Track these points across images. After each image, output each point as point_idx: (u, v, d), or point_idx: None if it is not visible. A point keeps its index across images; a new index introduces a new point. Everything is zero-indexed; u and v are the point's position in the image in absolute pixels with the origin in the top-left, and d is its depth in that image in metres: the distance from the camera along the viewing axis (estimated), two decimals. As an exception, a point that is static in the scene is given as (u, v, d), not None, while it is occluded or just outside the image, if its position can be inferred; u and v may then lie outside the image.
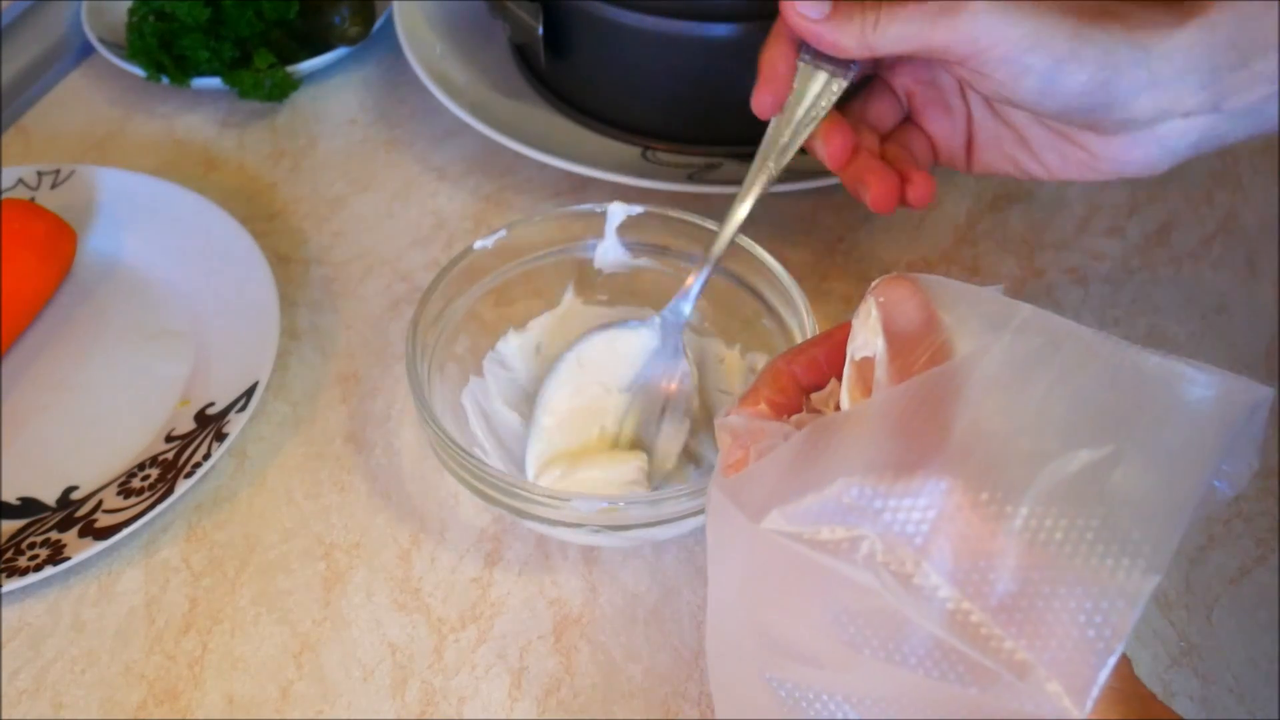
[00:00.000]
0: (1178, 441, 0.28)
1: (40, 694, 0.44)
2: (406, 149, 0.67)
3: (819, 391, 0.36)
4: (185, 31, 0.67)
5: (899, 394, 0.30)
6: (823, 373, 0.36)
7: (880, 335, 0.32)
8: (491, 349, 0.52)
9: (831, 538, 0.29)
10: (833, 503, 0.29)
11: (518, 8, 0.62)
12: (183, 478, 0.48)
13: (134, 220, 0.60)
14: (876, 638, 0.28)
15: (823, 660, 0.30)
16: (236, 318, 0.55)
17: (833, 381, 0.35)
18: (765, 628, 0.31)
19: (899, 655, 0.28)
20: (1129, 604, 0.26)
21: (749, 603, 0.32)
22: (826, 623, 0.29)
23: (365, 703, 0.44)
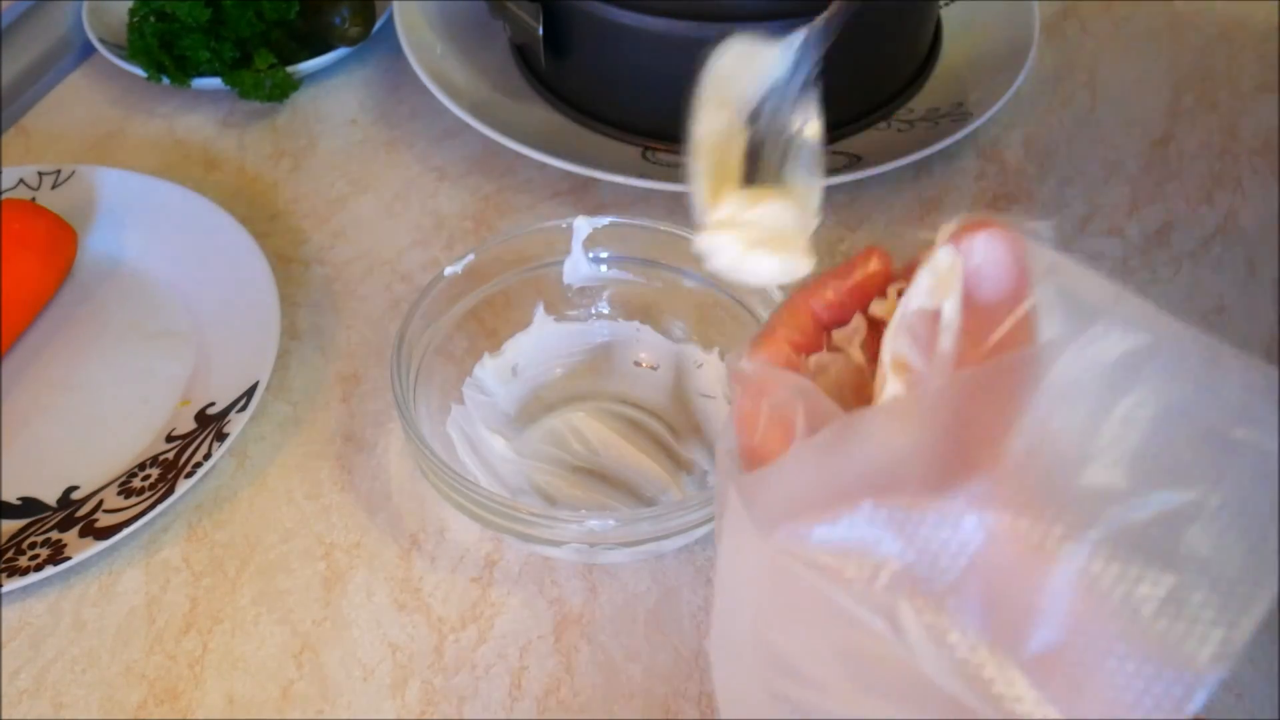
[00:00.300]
0: (1273, 504, 0.23)
1: (41, 694, 0.44)
2: (407, 149, 0.67)
3: (841, 328, 0.31)
4: (186, 32, 0.67)
5: (957, 386, 0.25)
6: (845, 308, 0.31)
7: (957, 292, 0.27)
8: (469, 375, 0.52)
9: (846, 569, 0.25)
10: (854, 526, 0.25)
11: (518, 8, 0.62)
12: (183, 478, 0.48)
13: (135, 220, 0.60)
14: (887, 683, 0.25)
15: (829, 691, 0.27)
16: (237, 318, 0.55)
17: (857, 317, 0.31)
18: (771, 645, 0.28)
19: (912, 704, 0.25)
20: (1186, 692, 0.22)
21: (755, 616, 0.29)
22: (834, 657, 0.26)
23: (365, 702, 0.44)
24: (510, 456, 0.49)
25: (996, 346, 0.26)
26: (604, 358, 0.53)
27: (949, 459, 0.25)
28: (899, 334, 0.27)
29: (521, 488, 0.48)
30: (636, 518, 0.43)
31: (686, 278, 0.51)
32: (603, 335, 0.53)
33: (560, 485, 0.49)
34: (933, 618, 0.24)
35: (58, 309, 0.58)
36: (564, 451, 0.50)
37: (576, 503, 0.48)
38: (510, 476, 0.48)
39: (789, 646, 0.28)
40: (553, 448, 0.50)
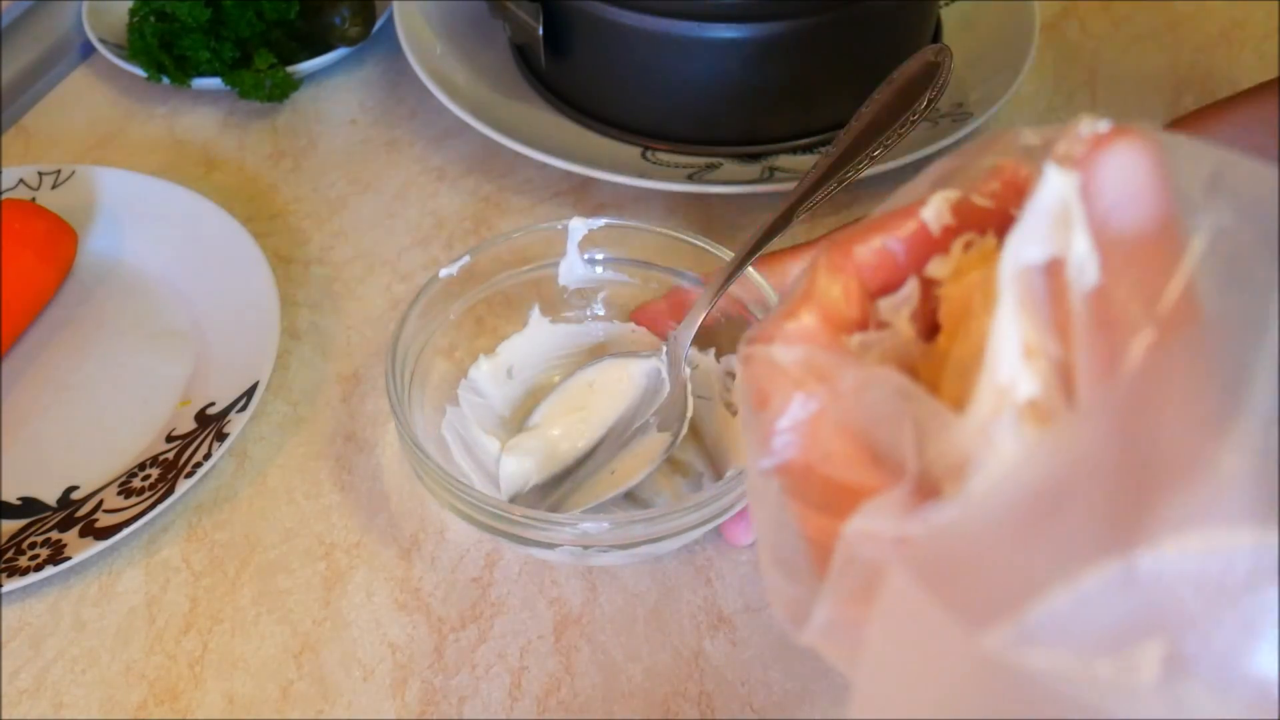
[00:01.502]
0: None
1: (41, 694, 0.44)
2: (407, 149, 0.67)
3: (890, 297, 0.24)
4: (186, 32, 0.67)
5: (1139, 378, 0.18)
6: (897, 269, 0.24)
7: (1083, 232, 0.19)
8: (464, 377, 0.52)
9: (1098, 667, 0.17)
10: (1093, 601, 0.17)
11: (518, 8, 0.62)
12: (183, 477, 0.48)
13: (135, 220, 0.60)
14: None
15: None
16: (237, 318, 0.55)
17: (911, 281, 0.24)
18: None
19: None
20: None
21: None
22: None
23: (365, 702, 0.44)
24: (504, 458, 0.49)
25: (1164, 317, 0.18)
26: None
27: (1132, 476, 0.18)
28: (1022, 308, 0.20)
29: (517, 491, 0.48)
30: (630, 520, 0.43)
31: (682, 279, 0.51)
32: (598, 336, 0.53)
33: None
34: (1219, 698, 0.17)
35: (58, 309, 0.58)
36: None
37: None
38: (504, 479, 0.48)
39: None
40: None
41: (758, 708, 0.43)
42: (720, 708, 0.43)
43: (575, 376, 0.49)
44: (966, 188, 0.23)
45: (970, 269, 0.23)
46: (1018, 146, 0.22)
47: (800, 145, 0.63)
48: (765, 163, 0.62)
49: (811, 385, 0.21)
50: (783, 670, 0.44)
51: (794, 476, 0.22)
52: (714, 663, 0.44)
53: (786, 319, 0.23)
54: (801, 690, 0.44)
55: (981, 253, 0.23)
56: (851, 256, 0.23)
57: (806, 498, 0.22)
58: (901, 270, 0.23)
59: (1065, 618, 0.17)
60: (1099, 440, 0.18)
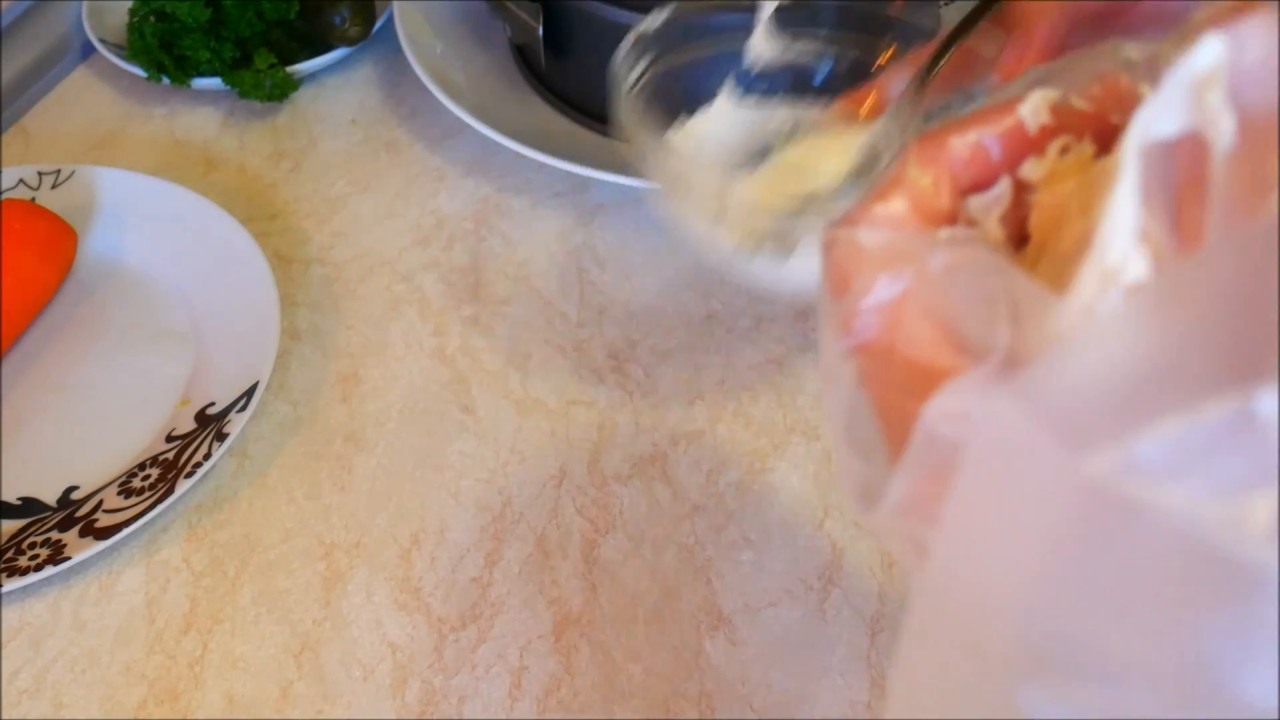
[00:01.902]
0: None
1: (41, 693, 0.44)
2: (407, 149, 0.67)
3: (981, 195, 0.23)
4: (186, 32, 0.67)
5: (1248, 246, 0.17)
6: (990, 166, 0.23)
7: (1225, 110, 0.19)
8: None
9: (1207, 506, 0.16)
10: (1218, 429, 0.16)
11: (518, 8, 0.62)
12: (183, 478, 0.48)
13: (135, 220, 0.60)
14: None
15: (1151, 682, 0.18)
16: (237, 318, 0.55)
17: (1004, 180, 0.23)
18: (1050, 621, 0.19)
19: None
20: None
21: (1027, 582, 0.19)
22: (1179, 633, 0.17)
23: (365, 702, 0.44)
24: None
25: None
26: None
27: (1258, 324, 0.17)
28: (1139, 190, 0.19)
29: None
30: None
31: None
32: (786, 120, 0.50)
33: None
34: None
35: (58, 309, 0.58)
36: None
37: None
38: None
39: (1090, 617, 0.18)
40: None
41: (758, 708, 0.43)
42: (720, 708, 0.43)
43: (778, 154, 0.46)
44: (1066, 89, 0.22)
45: (1065, 176, 0.22)
46: (1120, 59, 0.21)
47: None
48: (765, 163, 0.62)
49: (898, 266, 0.20)
50: (783, 670, 0.44)
51: (873, 359, 0.21)
52: (714, 663, 0.44)
53: (874, 204, 0.22)
54: (801, 690, 0.44)
55: (1079, 159, 0.22)
56: (945, 148, 0.23)
57: (885, 381, 0.21)
58: (995, 169, 0.23)
59: (1176, 453, 0.16)
60: (1224, 283, 0.17)
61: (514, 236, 0.61)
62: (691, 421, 0.52)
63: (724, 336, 0.56)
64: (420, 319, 0.57)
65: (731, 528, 0.48)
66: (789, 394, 0.53)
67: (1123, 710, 0.18)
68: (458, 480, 0.51)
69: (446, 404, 0.54)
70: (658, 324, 0.57)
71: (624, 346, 0.56)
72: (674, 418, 0.53)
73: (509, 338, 0.56)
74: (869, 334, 0.21)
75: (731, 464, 0.51)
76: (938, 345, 0.20)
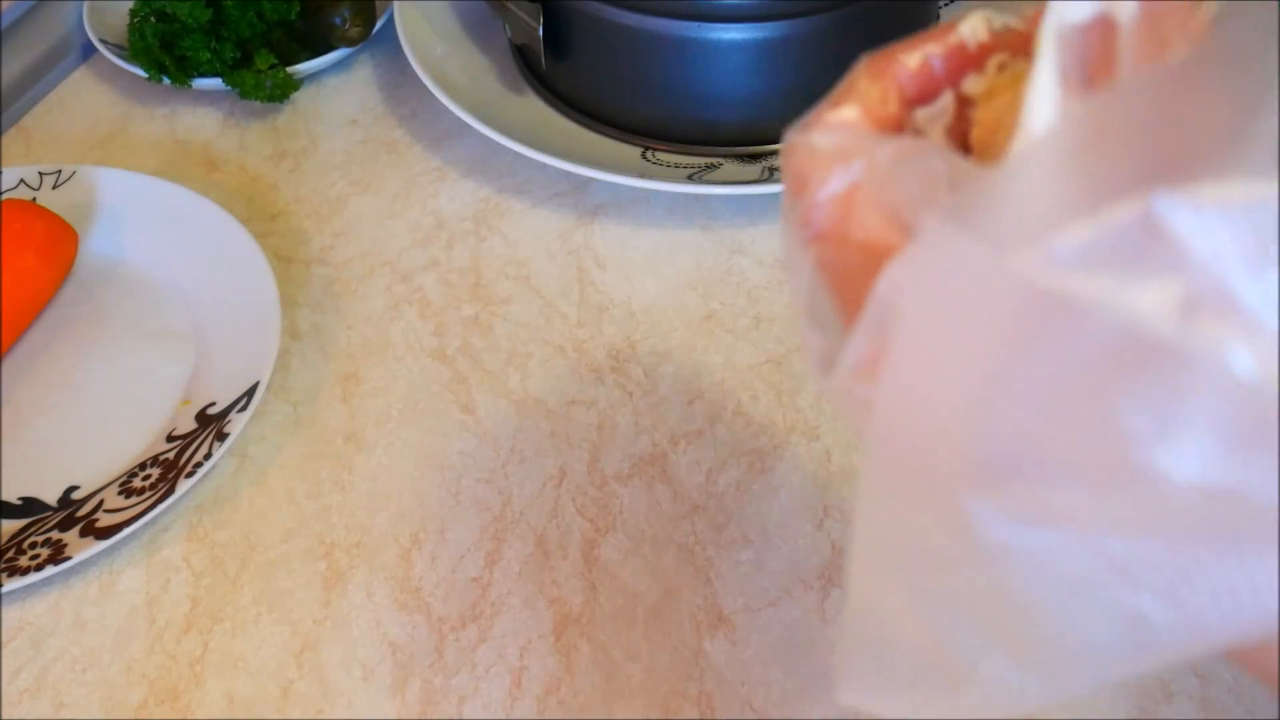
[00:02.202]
0: None
1: (41, 693, 0.45)
2: (407, 149, 0.67)
3: (926, 108, 0.25)
4: (186, 32, 0.67)
5: (1155, 81, 0.19)
6: (934, 81, 0.25)
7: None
8: None
9: (1134, 293, 0.17)
10: (1127, 229, 0.18)
11: (518, 8, 0.62)
12: (184, 477, 0.48)
13: (135, 221, 0.61)
14: (1198, 438, 0.18)
15: (1083, 475, 0.19)
16: (237, 318, 0.55)
17: (946, 95, 0.25)
18: (990, 431, 0.20)
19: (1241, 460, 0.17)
20: None
21: (962, 389, 0.20)
22: (1102, 422, 0.18)
23: (365, 702, 0.44)
24: None
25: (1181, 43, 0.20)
26: None
27: (1167, 146, 0.18)
28: (1058, 70, 0.21)
29: None
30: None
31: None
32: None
33: None
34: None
35: (58, 309, 0.58)
36: None
37: None
38: None
39: (1025, 419, 0.19)
40: None
41: (758, 708, 0.43)
42: (720, 708, 0.43)
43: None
44: (1005, 12, 0.25)
45: (1003, 91, 0.24)
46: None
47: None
48: (765, 163, 0.62)
49: (849, 159, 0.22)
50: (783, 670, 0.44)
51: (830, 246, 0.23)
52: (714, 663, 0.44)
53: (827, 111, 0.24)
54: (801, 690, 0.44)
55: (1014, 75, 0.24)
56: (893, 63, 0.25)
57: (841, 265, 0.23)
58: (939, 83, 0.25)
59: (1093, 251, 0.18)
60: (1135, 109, 0.19)
61: (514, 236, 0.61)
62: (691, 421, 0.52)
63: (724, 336, 0.56)
64: (420, 319, 0.57)
65: (731, 528, 0.48)
66: (789, 394, 0.53)
67: (1062, 512, 0.19)
68: (458, 480, 0.51)
69: (446, 404, 0.54)
70: (658, 324, 0.57)
71: (624, 346, 0.56)
72: (674, 418, 0.53)
73: (509, 338, 0.56)
74: (825, 224, 0.23)
75: (731, 464, 0.51)
76: (887, 228, 0.22)
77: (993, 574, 0.20)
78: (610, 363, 0.55)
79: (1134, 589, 0.19)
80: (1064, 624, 0.20)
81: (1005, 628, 0.21)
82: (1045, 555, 0.19)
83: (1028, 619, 0.20)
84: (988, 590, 0.20)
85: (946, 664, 0.22)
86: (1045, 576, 0.19)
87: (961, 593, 0.21)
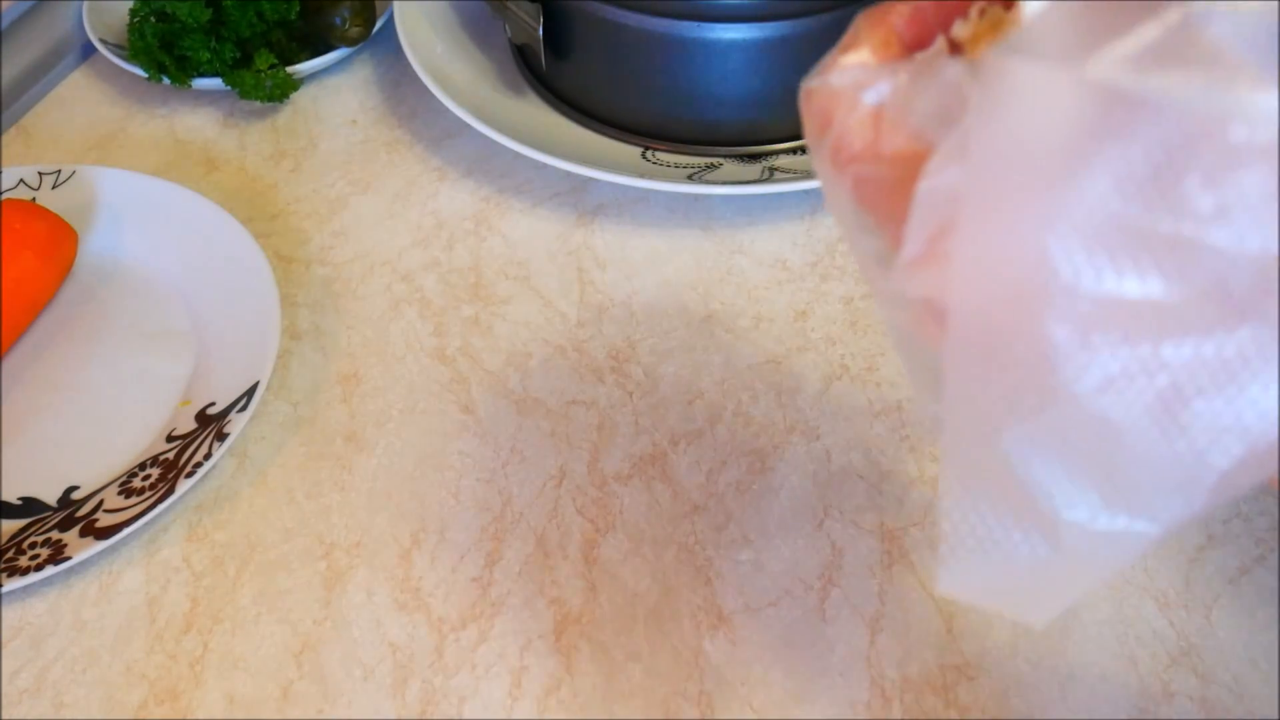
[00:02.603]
0: None
1: (41, 693, 0.45)
2: (407, 149, 0.67)
3: (924, 51, 0.27)
4: (186, 32, 0.67)
5: None
6: (927, 27, 0.27)
7: None
8: None
9: (1183, 80, 0.20)
10: (1169, 36, 0.20)
11: (518, 8, 0.62)
12: (184, 477, 0.48)
13: (135, 220, 0.61)
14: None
15: (1157, 264, 0.21)
16: (237, 318, 0.55)
17: (939, 40, 0.27)
18: (1068, 231, 0.21)
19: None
20: None
21: (1037, 212, 0.22)
22: (1171, 205, 0.21)
23: (365, 702, 0.44)
24: None
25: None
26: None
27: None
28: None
29: None
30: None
31: None
32: None
33: None
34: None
35: (58, 309, 0.58)
36: None
37: None
38: None
39: (1107, 219, 0.21)
40: None
41: (758, 708, 0.43)
42: (720, 708, 0.43)
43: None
44: None
45: (985, 34, 0.25)
46: None
47: (800, 145, 0.63)
48: (765, 163, 0.62)
49: (871, 81, 0.24)
50: (783, 670, 0.44)
51: (865, 165, 0.25)
52: (714, 662, 0.44)
53: (839, 56, 0.26)
54: (801, 690, 0.44)
55: (993, 19, 0.25)
56: (889, 12, 0.27)
57: (878, 183, 0.24)
58: (932, 29, 0.27)
59: (1142, 56, 0.20)
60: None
61: (514, 236, 0.61)
62: (691, 421, 0.52)
63: (724, 336, 0.56)
64: (420, 319, 0.57)
65: (731, 528, 0.48)
66: (789, 394, 0.53)
67: (1138, 321, 0.21)
68: (458, 480, 0.51)
69: (446, 404, 0.54)
70: (658, 324, 0.57)
71: (624, 346, 0.56)
72: (674, 418, 0.53)
73: (509, 338, 0.56)
74: (857, 146, 0.25)
75: (731, 464, 0.51)
76: (916, 138, 0.24)
77: (1075, 407, 0.21)
78: (610, 363, 0.55)
79: (1205, 403, 0.21)
80: (1141, 448, 0.21)
81: (1090, 463, 0.22)
82: (1124, 374, 0.21)
83: (1109, 449, 0.22)
84: (1072, 426, 0.22)
85: (1039, 519, 0.23)
86: (1123, 400, 0.21)
87: (1050, 436, 0.22)
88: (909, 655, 0.44)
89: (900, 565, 0.47)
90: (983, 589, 0.25)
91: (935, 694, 0.43)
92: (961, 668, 0.44)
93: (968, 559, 0.24)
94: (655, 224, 0.61)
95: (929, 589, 0.46)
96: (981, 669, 0.44)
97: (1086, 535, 0.23)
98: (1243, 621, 0.45)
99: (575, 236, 0.61)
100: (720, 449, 0.51)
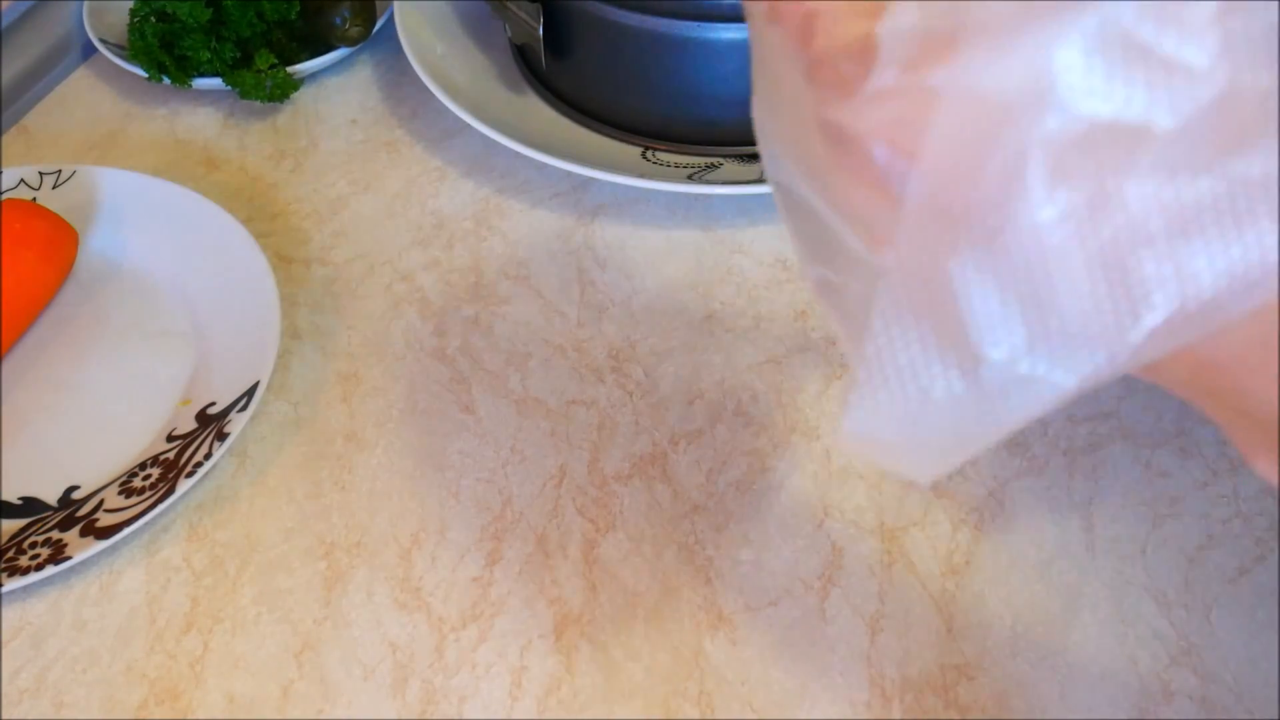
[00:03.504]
0: None
1: (41, 693, 0.45)
2: (407, 149, 0.67)
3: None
4: (186, 32, 0.67)
5: None
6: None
7: None
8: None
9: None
10: None
11: (518, 8, 0.62)
12: (184, 477, 0.48)
13: (135, 220, 0.61)
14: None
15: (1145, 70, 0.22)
16: (237, 318, 0.55)
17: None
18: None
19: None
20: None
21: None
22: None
23: (366, 702, 0.44)
24: None
25: None
26: None
27: None
28: None
29: None
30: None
31: None
32: None
33: None
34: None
35: (58, 309, 0.58)
36: None
37: None
38: None
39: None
40: None
41: (758, 708, 0.43)
42: (720, 707, 0.43)
43: None
44: None
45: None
46: None
47: (800, 145, 0.63)
48: (765, 163, 0.62)
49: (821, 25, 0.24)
50: (783, 670, 0.44)
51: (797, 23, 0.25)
52: (714, 662, 0.44)
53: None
54: (801, 690, 0.44)
55: None
56: None
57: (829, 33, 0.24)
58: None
59: None
60: None
61: (514, 236, 0.61)
62: (691, 421, 0.52)
63: (724, 336, 0.56)
64: (420, 319, 0.57)
65: (731, 527, 0.49)
66: (789, 394, 0.53)
67: (1109, 159, 0.21)
68: (458, 480, 0.51)
69: (446, 404, 0.54)
70: (658, 324, 0.57)
71: (624, 346, 0.56)
72: (674, 418, 0.53)
73: (509, 338, 0.56)
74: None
75: (731, 464, 0.51)
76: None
77: (1030, 236, 0.22)
78: (610, 363, 0.55)
79: (1151, 251, 0.21)
80: (1081, 289, 0.22)
81: (1027, 299, 0.23)
82: (1086, 206, 0.22)
83: (1049, 286, 0.22)
84: (1020, 255, 0.22)
85: (962, 353, 0.24)
86: (1078, 234, 0.22)
87: (996, 264, 0.23)
88: (909, 655, 0.44)
89: (900, 565, 0.47)
90: (884, 436, 0.25)
91: (935, 694, 0.43)
92: (961, 668, 0.44)
93: (878, 395, 0.25)
94: (655, 224, 0.61)
95: (929, 589, 0.46)
96: (981, 669, 0.44)
97: (1003, 377, 0.24)
98: (1243, 621, 0.45)
99: (575, 236, 0.61)
100: (720, 449, 0.51)
